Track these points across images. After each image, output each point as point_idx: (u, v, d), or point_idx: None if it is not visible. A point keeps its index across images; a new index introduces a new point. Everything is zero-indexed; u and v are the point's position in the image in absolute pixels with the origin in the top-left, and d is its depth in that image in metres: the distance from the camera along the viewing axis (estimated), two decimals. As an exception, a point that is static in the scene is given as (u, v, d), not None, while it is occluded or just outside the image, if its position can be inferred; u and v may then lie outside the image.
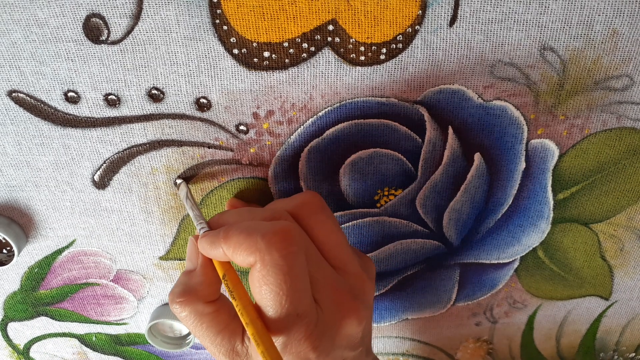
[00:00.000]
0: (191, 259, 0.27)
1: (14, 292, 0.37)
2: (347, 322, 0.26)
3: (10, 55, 0.27)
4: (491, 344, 0.43)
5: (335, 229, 0.28)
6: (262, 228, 0.24)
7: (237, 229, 0.24)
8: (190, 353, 0.42)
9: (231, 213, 0.28)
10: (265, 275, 0.23)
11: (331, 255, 0.27)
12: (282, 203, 0.28)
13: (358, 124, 0.30)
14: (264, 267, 0.23)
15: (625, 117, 0.31)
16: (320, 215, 0.27)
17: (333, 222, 0.28)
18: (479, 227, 0.35)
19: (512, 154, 0.32)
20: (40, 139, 0.30)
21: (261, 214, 0.26)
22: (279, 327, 0.23)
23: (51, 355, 0.42)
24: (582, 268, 0.37)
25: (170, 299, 0.26)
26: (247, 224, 0.25)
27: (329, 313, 0.25)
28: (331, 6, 0.26)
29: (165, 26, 0.26)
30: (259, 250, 0.23)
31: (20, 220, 0.34)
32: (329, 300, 0.25)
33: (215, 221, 0.27)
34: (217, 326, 0.26)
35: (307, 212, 0.27)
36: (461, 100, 0.30)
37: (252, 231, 0.24)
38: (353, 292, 0.27)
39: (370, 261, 0.31)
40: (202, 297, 0.26)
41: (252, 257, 0.23)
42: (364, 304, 0.27)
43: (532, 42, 0.28)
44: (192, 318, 0.26)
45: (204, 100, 0.29)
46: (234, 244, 0.24)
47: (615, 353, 0.44)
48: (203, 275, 0.26)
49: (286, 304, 0.23)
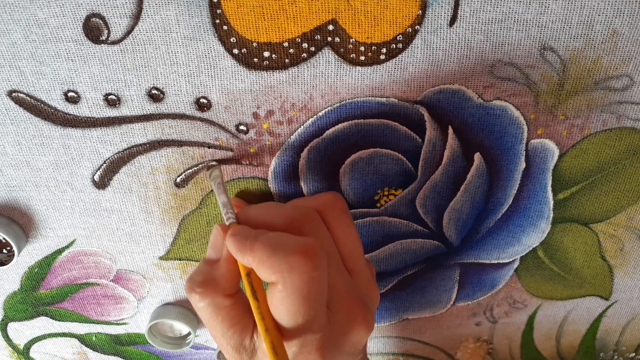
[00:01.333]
0: (215, 248, 0.27)
1: (14, 292, 0.37)
2: (356, 330, 0.26)
3: (10, 55, 0.27)
4: (491, 344, 0.43)
5: (356, 234, 0.28)
6: (287, 246, 0.24)
7: (263, 243, 0.24)
8: (190, 353, 0.42)
9: (258, 209, 0.27)
10: (285, 297, 0.23)
11: (349, 259, 0.27)
12: (307, 200, 0.28)
13: (358, 124, 0.30)
14: (285, 289, 0.23)
15: (625, 117, 0.31)
16: (343, 218, 0.28)
17: (354, 226, 0.28)
18: (479, 227, 0.35)
19: (512, 154, 0.32)
20: (40, 139, 0.30)
21: (288, 211, 0.27)
22: (292, 338, 0.24)
23: (51, 355, 0.42)
24: (582, 268, 0.37)
25: (188, 286, 0.26)
26: (274, 238, 0.24)
27: (340, 321, 0.26)
28: (331, 6, 0.26)
29: (165, 26, 0.26)
30: (282, 271, 0.23)
31: (20, 220, 0.34)
32: (342, 308, 0.26)
33: (243, 214, 0.27)
34: (232, 320, 0.26)
35: (332, 213, 0.28)
36: (461, 100, 0.30)
37: (278, 249, 0.24)
38: (364, 300, 0.27)
39: (373, 267, 0.32)
40: (223, 290, 0.26)
41: (274, 277, 0.23)
42: (371, 311, 0.27)
43: (532, 42, 0.28)
44: (210, 310, 0.26)
45: (204, 100, 0.29)
46: (259, 259, 0.24)
47: (615, 353, 0.44)
48: (226, 268, 0.26)
49: (302, 322, 0.24)
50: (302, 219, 0.26)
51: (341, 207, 0.28)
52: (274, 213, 0.27)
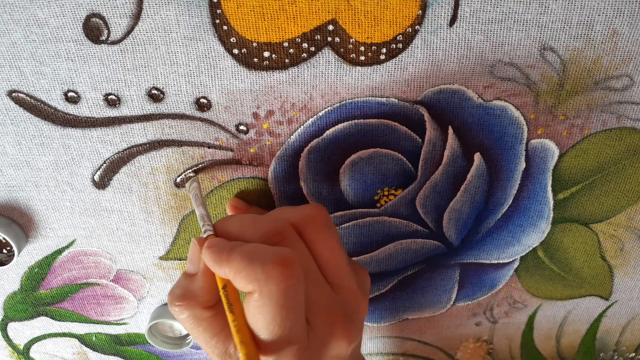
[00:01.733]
0: (192, 262, 0.27)
1: (14, 292, 0.37)
2: (337, 343, 0.26)
3: (10, 55, 0.27)
4: (491, 344, 0.43)
5: (337, 247, 0.28)
6: (264, 256, 0.24)
7: (239, 254, 0.24)
8: (190, 353, 0.42)
9: (235, 222, 0.27)
10: (262, 305, 0.24)
11: (330, 273, 0.27)
12: (287, 213, 0.28)
13: (358, 124, 0.30)
14: (261, 298, 0.24)
15: (625, 117, 0.31)
16: (324, 232, 0.27)
17: (336, 239, 0.28)
18: (479, 227, 0.35)
19: (512, 154, 0.32)
20: (40, 139, 0.30)
21: (265, 225, 0.26)
22: (270, 350, 0.24)
23: (51, 355, 0.42)
24: (582, 268, 0.37)
25: (169, 300, 0.27)
26: (251, 249, 0.25)
27: (320, 334, 0.26)
28: (331, 6, 0.26)
29: (165, 26, 0.26)
30: (258, 280, 0.23)
31: (20, 220, 0.34)
32: (321, 322, 0.26)
33: (220, 226, 0.27)
34: (214, 330, 0.26)
35: (312, 227, 0.27)
36: (461, 100, 0.30)
37: (254, 259, 0.24)
38: (347, 312, 0.27)
39: (366, 274, 0.31)
40: (201, 303, 0.26)
41: (250, 286, 0.24)
42: (355, 323, 0.27)
43: (532, 42, 0.28)
44: (190, 321, 0.26)
45: (204, 100, 0.29)
46: (235, 269, 0.24)
47: (615, 353, 0.44)
48: (204, 282, 0.26)
49: (279, 332, 0.24)
50: (279, 235, 0.26)
51: (321, 221, 0.28)
52: (251, 226, 0.27)
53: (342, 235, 0.34)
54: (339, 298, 0.27)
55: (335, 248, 0.28)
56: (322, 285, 0.27)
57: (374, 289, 0.38)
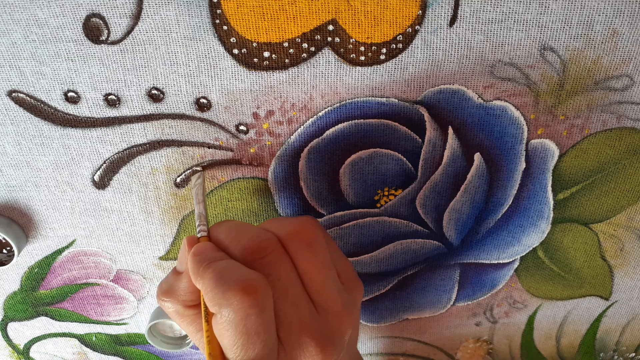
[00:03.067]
0: (181, 260, 0.28)
1: (14, 292, 0.37)
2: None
3: (10, 55, 0.27)
4: (491, 344, 0.43)
5: (323, 264, 0.27)
6: (229, 281, 0.24)
7: (211, 273, 0.25)
8: (190, 353, 0.42)
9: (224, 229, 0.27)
10: (222, 329, 0.24)
11: (313, 291, 0.27)
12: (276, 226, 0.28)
13: (358, 124, 0.30)
14: (222, 322, 0.24)
15: (626, 117, 0.31)
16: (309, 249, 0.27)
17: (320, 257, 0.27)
18: (479, 227, 0.35)
19: (512, 154, 0.32)
20: (40, 139, 0.30)
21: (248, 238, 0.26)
22: None
23: (51, 355, 0.42)
24: (582, 268, 0.37)
25: (157, 292, 0.28)
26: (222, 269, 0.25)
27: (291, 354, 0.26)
28: (331, 6, 0.26)
29: (165, 26, 0.26)
30: (219, 305, 0.24)
31: (20, 220, 0.34)
32: (294, 342, 0.26)
33: (214, 231, 0.27)
34: (197, 326, 0.27)
35: (297, 244, 0.27)
36: (461, 100, 0.30)
37: (220, 282, 0.24)
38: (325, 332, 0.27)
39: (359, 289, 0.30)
40: (183, 302, 0.27)
41: (213, 308, 0.24)
42: (334, 344, 0.27)
43: (532, 42, 0.28)
44: (176, 315, 0.28)
45: (204, 100, 0.29)
46: (204, 288, 0.25)
47: (616, 353, 0.44)
48: (187, 282, 0.27)
49: (241, 353, 0.24)
50: (261, 251, 0.26)
51: (307, 237, 0.27)
52: (239, 238, 0.27)
53: (342, 235, 0.34)
54: (320, 317, 0.27)
55: (319, 266, 0.27)
56: (301, 303, 0.26)
57: (374, 289, 0.38)
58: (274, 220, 0.29)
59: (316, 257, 0.27)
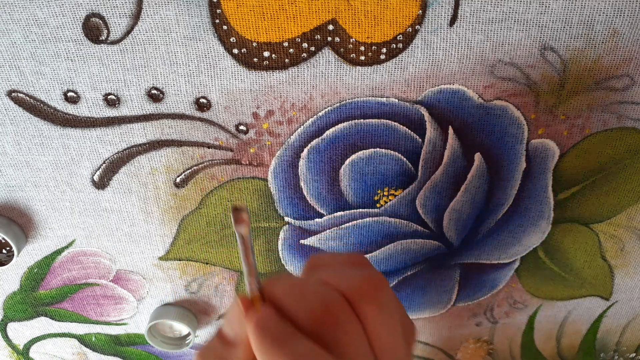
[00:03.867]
0: (233, 325, 0.24)
1: (13, 292, 0.37)
2: None
3: (10, 55, 0.27)
4: (491, 344, 0.43)
5: (395, 328, 0.25)
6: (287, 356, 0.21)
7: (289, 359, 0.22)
8: (190, 353, 0.42)
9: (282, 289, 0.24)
10: None
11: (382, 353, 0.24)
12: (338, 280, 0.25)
13: (358, 124, 0.30)
14: None
15: (626, 117, 0.31)
16: (385, 313, 0.24)
17: (396, 319, 0.25)
18: (479, 227, 0.35)
19: (513, 154, 0.32)
20: (40, 139, 0.30)
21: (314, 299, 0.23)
22: None
23: (51, 355, 0.42)
24: (582, 268, 0.37)
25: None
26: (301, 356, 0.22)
27: None
28: (331, 6, 0.26)
29: (165, 26, 0.26)
30: None
31: (20, 220, 0.34)
32: None
33: (268, 289, 0.24)
34: None
35: (372, 307, 0.24)
36: (461, 100, 0.30)
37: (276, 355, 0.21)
38: None
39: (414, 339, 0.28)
40: None
41: None
42: None
43: (533, 42, 0.28)
44: None
45: (204, 100, 0.29)
46: None
47: (616, 353, 0.44)
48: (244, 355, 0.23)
49: None
50: (333, 316, 0.23)
51: (380, 299, 0.24)
52: (299, 300, 0.24)
53: (342, 235, 0.34)
54: None
55: (392, 331, 0.24)
56: None
57: (374, 289, 0.38)
58: (330, 268, 0.26)
59: (393, 319, 0.25)
